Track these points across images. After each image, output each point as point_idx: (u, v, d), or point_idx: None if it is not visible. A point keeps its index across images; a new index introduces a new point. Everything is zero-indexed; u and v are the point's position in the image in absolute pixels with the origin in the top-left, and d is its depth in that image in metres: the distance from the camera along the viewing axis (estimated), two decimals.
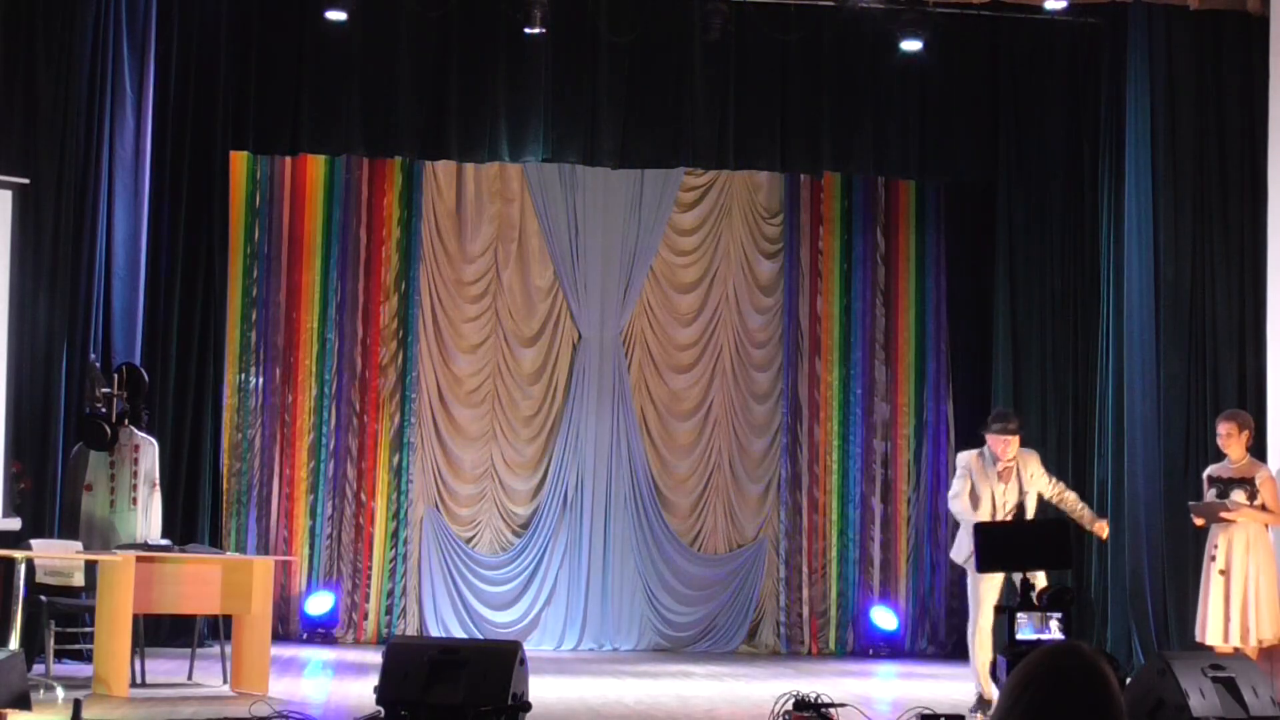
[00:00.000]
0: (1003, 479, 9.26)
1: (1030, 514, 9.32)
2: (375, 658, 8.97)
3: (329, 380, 13.13)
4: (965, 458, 9.51)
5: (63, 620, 9.95)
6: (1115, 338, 12.11)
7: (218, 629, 10.17)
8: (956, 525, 13.48)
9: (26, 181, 10.30)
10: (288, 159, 13.10)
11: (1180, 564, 11.31)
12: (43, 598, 9.54)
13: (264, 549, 12.70)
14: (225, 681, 9.39)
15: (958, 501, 9.35)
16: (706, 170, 13.53)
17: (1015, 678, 2.50)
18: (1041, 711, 2.45)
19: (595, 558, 13.30)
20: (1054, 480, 9.56)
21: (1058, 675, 2.46)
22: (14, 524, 9.90)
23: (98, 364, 10.74)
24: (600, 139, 12.52)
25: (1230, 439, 9.64)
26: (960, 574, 13.44)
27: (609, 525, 13.35)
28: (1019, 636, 8.86)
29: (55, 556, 9.66)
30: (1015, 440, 9.31)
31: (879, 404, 13.81)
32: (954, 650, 13.35)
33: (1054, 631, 8.94)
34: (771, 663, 12.52)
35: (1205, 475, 9.84)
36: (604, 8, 12.36)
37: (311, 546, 12.97)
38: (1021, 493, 9.27)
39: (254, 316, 13.08)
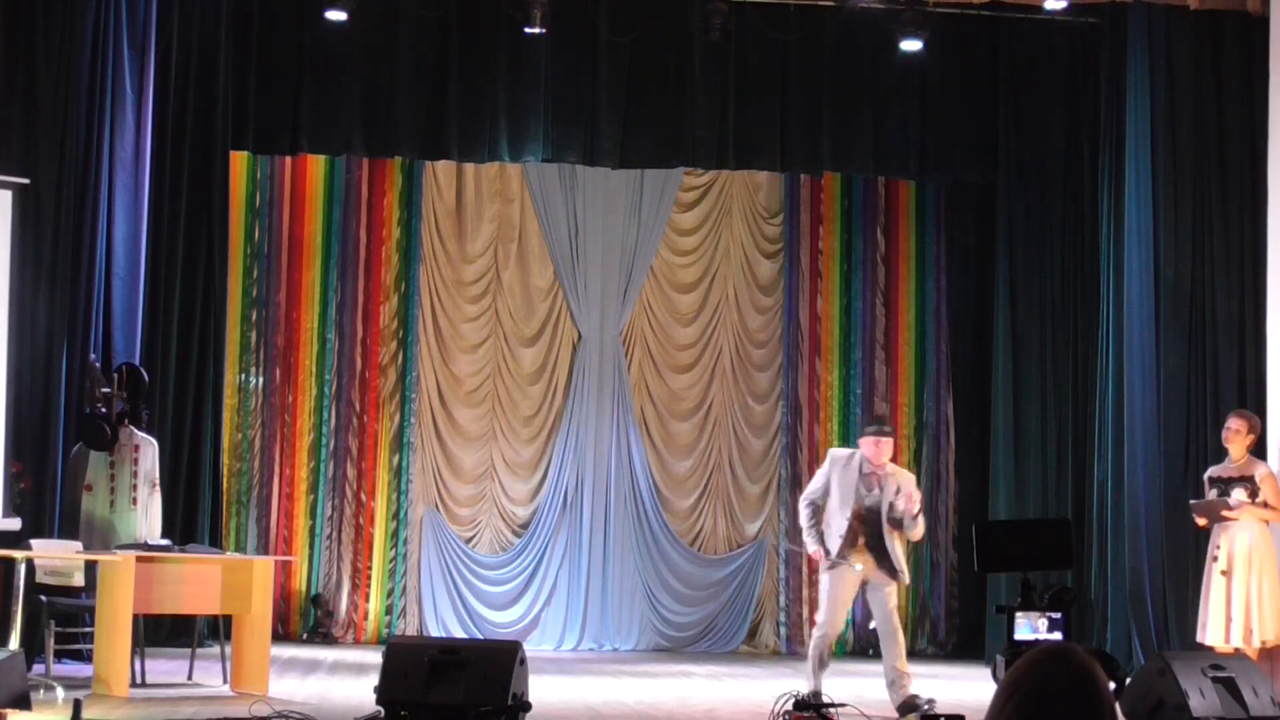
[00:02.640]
0: (867, 483, 9.03)
1: (885, 526, 8.92)
2: (375, 658, 8.96)
3: (329, 380, 13.13)
4: (833, 454, 9.30)
5: (63, 620, 9.94)
6: (1115, 338, 12.11)
7: (218, 629, 10.17)
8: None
9: (26, 181, 10.30)
10: (288, 159, 13.10)
11: (1180, 564, 11.31)
12: (43, 598, 9.54)
13: (264, 549, 12.70)
14: (225, 681, 9.39)
15: (804, 505, 9.08)
16: (706, 170, 13.52)
17: (1004, 681, 2.51)
18: (1029, 716, 2.45)
19: (595, 558, 13.30)
20: (918, 517, 9.04)
21: (1045, 680, 2.47)
22: (14, 524, 9.90)
23: (98, 364, 10.74)
24: (600, 139, 12.53)
25: (1236, 435, 9.65)
26: (961, 574, 13.48)
27: (609, 525, 13.34)
28: (1018, 637, 8.87)
29: (55, 556, 9.66)
30: (887, 442, 9.08)
31: (879, 404, 13.81)
32: (954, 650, 13.37)
33: (1042, 631, 8.94)
34: (771, 663, 12.52)
35: (1206, 477, 9.85)
36: (604, 7, 12.36)
37: (311, 546, 12.97)
38: (883, 501, 8.97)
39: (254, 316, 13.08)
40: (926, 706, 8.80)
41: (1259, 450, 10.04)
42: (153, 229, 11.48)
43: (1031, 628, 8.80)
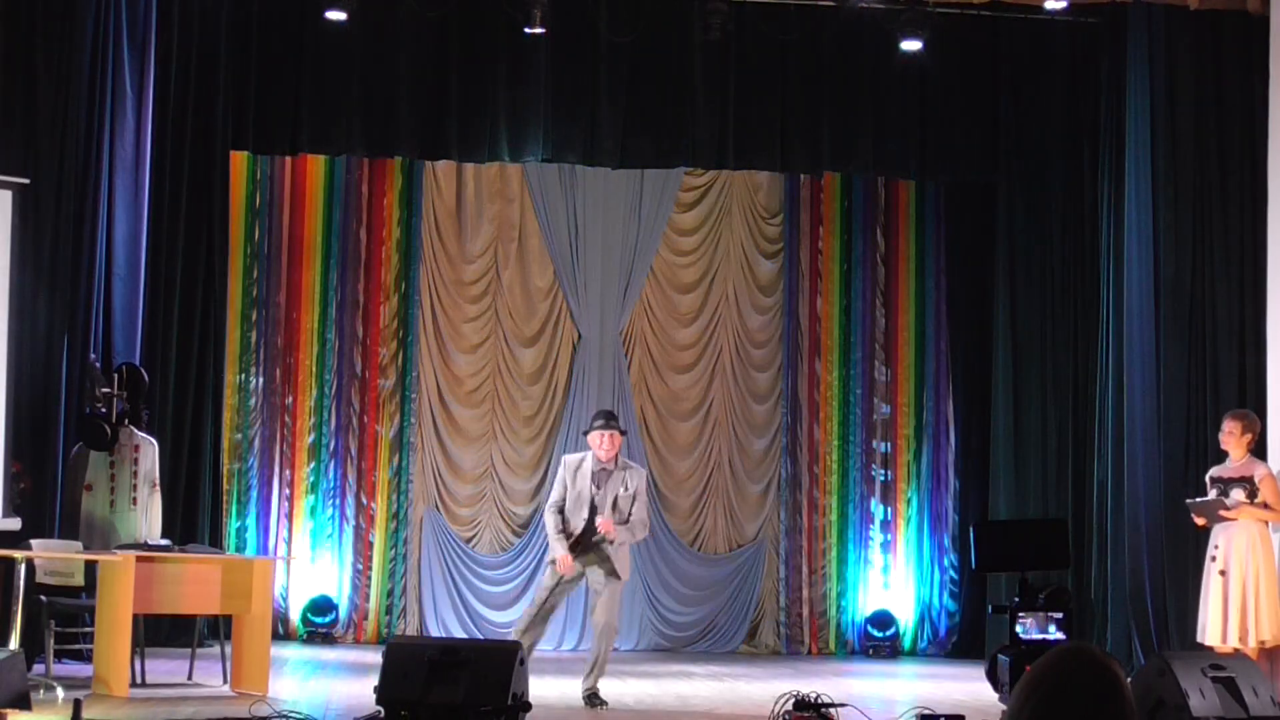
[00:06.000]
0: (596, 481, 9.04)
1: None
2: (375, 658, 8.96)
3: (329, 380, 13.12)
4: (565, 459, 9.32)
5: (63, 620, 9.94)
6: (1115, 338, 12.11)
7: (218, 629, 10.17)
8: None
9: (26, 181, 10.30)
10: (288, 159, 13.09)
11: (1180, 564, 11.31)
12: (43, 598, 9.53)
13: (264, 549, 12.70)
14: (225, 681, 9.39)
15: (550, 512, 9.15)
16: (706, 170, 13.52)
17: (1024, 680, 2.51)
18: (1049, 713, 2.45)
19: None
20: (645, 514, 9.15)
21: (1066, 678, 2.47)
22: (14, 524, 9.89)
23: (98, 364, 10.74)
24: (600, 139, 12.52)
25: (1231, 437, 9.65)
26: (961, 574, 13.48)
27: None
28: (1022, 637, 8.88)
29: (55, 556, 9.66)
30: (613, 437, 9.04)
31: (879, 404, 13.81)
32: (954, 650, 13.36)
33: (1049, 631, 8.95)
34: (771, 663, 12.52)
35: (1208, 477, 9.84)
36: (604, 8, 12.36)
37: (311, 547, 12.96)
38: (606, 498, 8.96)
39: (254, 316, 13.08)
40: (601, 706, 8.98)
41: (1260, 450, 10.03)
42: (153, 229, 11.49)
43: (1038, 628, 8.81)
